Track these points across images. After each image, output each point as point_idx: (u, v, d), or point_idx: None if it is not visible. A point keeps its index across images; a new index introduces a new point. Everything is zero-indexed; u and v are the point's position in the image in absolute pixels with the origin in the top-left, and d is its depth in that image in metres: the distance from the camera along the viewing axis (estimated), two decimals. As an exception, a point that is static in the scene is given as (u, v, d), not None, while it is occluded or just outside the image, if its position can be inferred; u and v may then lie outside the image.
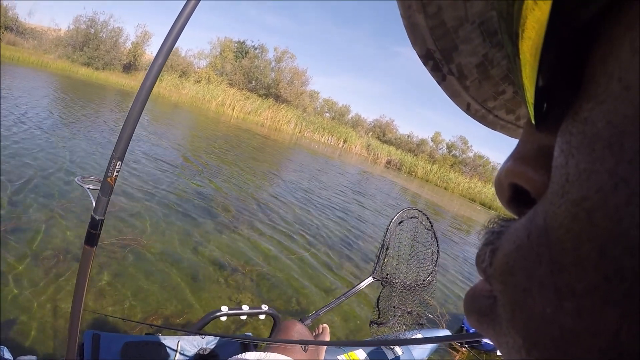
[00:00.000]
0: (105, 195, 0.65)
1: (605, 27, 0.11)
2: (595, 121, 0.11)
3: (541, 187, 0.14)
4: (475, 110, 0.24)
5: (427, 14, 0.18)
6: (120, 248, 2.89)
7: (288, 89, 29.83)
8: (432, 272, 1.61)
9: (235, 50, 31.01)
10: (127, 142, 0.65)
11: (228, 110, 24.02)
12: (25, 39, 24.44)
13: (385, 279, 1.53)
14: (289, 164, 11.30)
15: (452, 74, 0.22)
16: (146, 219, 3.60)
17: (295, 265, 3.70)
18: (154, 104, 15.79)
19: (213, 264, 3.16)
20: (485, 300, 0.15)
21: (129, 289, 2.46)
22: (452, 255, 6.50)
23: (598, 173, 0.10)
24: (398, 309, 1.58)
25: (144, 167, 5.30)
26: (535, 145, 0.15)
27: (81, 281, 0.69)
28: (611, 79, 0.11)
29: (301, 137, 25.42)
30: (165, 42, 0.70)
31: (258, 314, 1.47)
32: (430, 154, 35.08)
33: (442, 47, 0.20)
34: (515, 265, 0.13)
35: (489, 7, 0.18)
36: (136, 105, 0.65)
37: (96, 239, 0.67)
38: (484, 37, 0.19)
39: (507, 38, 0.14)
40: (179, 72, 26.79)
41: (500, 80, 0.22)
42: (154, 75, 0.66)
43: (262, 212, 5.07)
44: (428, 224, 1.61)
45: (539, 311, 0.12)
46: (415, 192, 16.73)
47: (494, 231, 0.16)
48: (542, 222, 0.12)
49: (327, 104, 38.57)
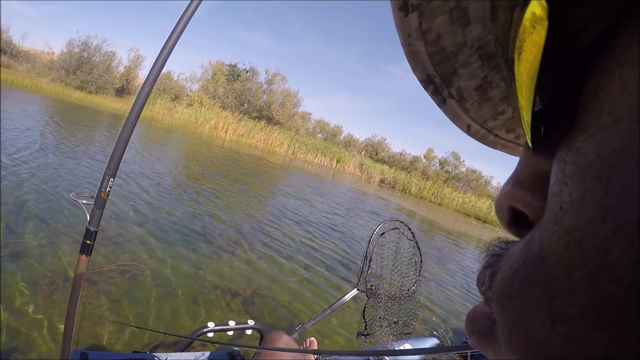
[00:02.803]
0: (99, 208, 0.71)
1: (599, 59, 0.12)
2: (587, 152, 0.11)
3: (538, 212, 0.14)
4: (476, 130, 0.25)
5: (427, 41, 0.19)
6: (119, 274, 2.87)
7: (280, 111, 30.15)
8: (417, 281, 1.66)
9: (227, 73, 31.48)
10: (118, 160, 0.72)
11: (221, 133, 24.17)
12: (19, 62, 24.63)
13: (369, 290, 1.58)
14: (283, 186, 11.33)
15: (452, 97, 0.22)
16: (144, 244, 3.59)
17: (296, 288, 3.70)
18: (147, 127, 15.86)
19: (212, 288, 3.15)
20: (485, 322, 0.16)
21: (129, 314, 2.46)
22: (450, 271, 6.52)
23: (588, 204, 0.11)
24: (384, 319, 1.62)
25: (140, 193, 5.30)
26: (533, 169, 0.16)
27: (76, 289, 0.74)
28: (602, 111, 0.11)
29: (294, 158, 25.50)
30: (155, 63, 0.78)
31: (244, 329, 1.48)
32: (424, 171, 35.32)
33: (442, 72, 0.21)
34: (513, 289, 0.14)
35: (486, 32, 0.18)
36: (127, 126, 0.72)
37: (91, 249, 0.72)
38: (482, 61, 0.20)
39: (503, 62, 0.14)
40: (172, 95, 27.06)
41: (499, 101, 0.22)
42: (143, 97, 0.74)
43: (259, 234, 5.06)
44: (410, 234, 1.67)
45: (534, 334, 0.12)
46: (410, 210, 16.75)
47: (493, 254, 0.17)
48: (538, 248, 0.12)
49: (320, 125, 38.95)
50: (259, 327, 1.52)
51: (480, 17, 0.18)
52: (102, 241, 3.32)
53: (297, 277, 3.98)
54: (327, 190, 13.51)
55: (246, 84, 30.65)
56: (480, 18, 0.18)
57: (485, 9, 0.17)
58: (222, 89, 30.23)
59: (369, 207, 12.87)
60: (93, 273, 2.75)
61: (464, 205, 25.77)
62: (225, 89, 30.33)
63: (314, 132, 38.01)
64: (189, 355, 1.44)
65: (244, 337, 2.48)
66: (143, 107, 0.72)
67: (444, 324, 3.91)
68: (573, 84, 0.13)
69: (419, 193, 27.85)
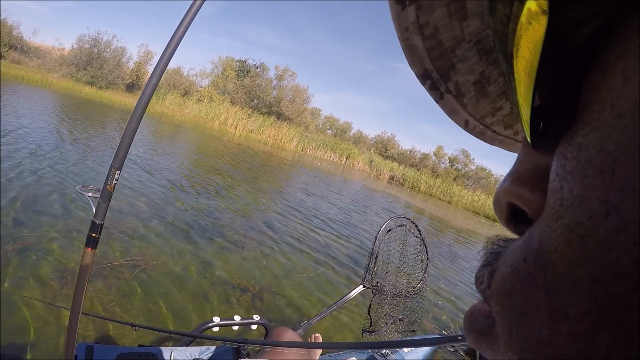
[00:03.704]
0: (105, 201, 0.72)
1: (600, 53, 0.12)
2: (589, 147, 0.11)
3: (538, 208, 0.14)
4: (474, 126, 0.24)
5: (424, 35, 0.19)
6: (128, 269, 2.90)
7: (290, 106, 30.16)
8: (423, 279, 1.65)
9: (236, 69, 31.58)
10: (124, 153, 0.73)
11: (231, 128, 24.26)
12: (29, 58, 25.07)
13: (375, 287, 1.57)
14: (293, 182, 11.35)
15: (450, 92, 0.22)
16: (154, 239, 3.62)
17: (306, 284, 3.70)
18: (157, 122, 15.99)
19: (222, 284, 3.17)
20: (484, 321, 0.16)
21: (139, 310, 2.47)
22: (459, 269, 6.49)
23: (590, 200, 0.10)
24: (389, 316, 1.62)
25: (150, 189, 5.35)
26: (532, 165, 0.16)
27: (81, 282, 0.75)
28: (604, 105, 0.11)
29: (304, 154, 25.51)
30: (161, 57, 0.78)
31: (250, 324, 1.49)
32: (433, 169, 35.11)
33: (440, 67, 0.20)
34: (512, 288, 0.13)
35: (484, 26, 0.18)
36: (133, 119, 0.72)
37: (96, 242, 0.73)
38: (480, 56, 0.20)
39: (502, 57, 0.14)
40: (182, 91, 27.25)
41: (497, 97, 0.22)
42: (149, 91, 0.74)
43: (269, 230, 5.08)
44: (416, 232, 1.66)
45: (534, 333, 0.12)
46: (419, 207, 16.68)
47: (492, 252, 0.17)
48: (538, 245, 0.12)
49: (329, 121, 38.91)
50: (264, 323, 1.52)
51: (478, 11, 0.18)
52: (112, 235, 3.36)
53: (307, 274, 3.99)
54: (336, 186, 13.50)
55: (256, 79, 30.68)
56: (478, 12, 0.18)
57: (484, 3, 0.17)
58: (231, 85, 30.35)
59: (378, 203, 12.84)
60: (103, 267, 2.79)
61: (474, 204, 25.55)
62: (235, 85, 30.45)
63: (324, 128, 38.00)
64: (194, 349, 1.44)
65: (248, 332, 2.50)
66: (149, 102, 0.73)
67: (453, 323, 3.89)
68: (572, 79, 0.13)
69: (428, 190, 27.69)
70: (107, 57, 24.30)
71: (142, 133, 11.09)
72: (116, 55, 24.89)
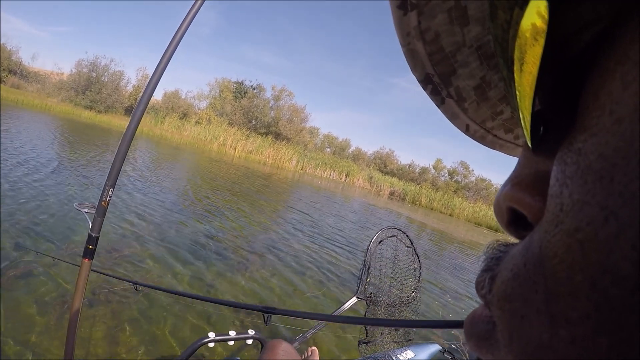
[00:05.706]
0: (100, 216, 0.77)
1: (599, 59, 0.12)
2: (588, 153, 0.11)
3: (538, 213, 0.14)
4: (474, 130, 0.24)
5: (426, 40, 0.19)
6: (132, 293, 2.88)
7: (288, 126, 30.41)
8: (416, 288, 1.67)
9: (234, 91, 31.96)
10: (117, 172, 0.78)
11: (230, 150, 24.42)
12: (28, 83, 25.44)
13: (369, 298, 1.59)
14: (293, 202, 11.34)
15: (451, 97, 0.22)
16: (157, 262, 3.62)
17: (310, 303, 3.69)
18: (156, 145, 16.10)
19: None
20: (485, 325, 0.16)
21: (145, 334, 2.45)
22: (464, 281, 6.47)
23: (590, 205, 0.10)
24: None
25: (153, 211, 5.38)
26: (532, 169, 0.16)
27: (79, 292, 0.79)
28: (603, 111, 0.11)
29: (303, 173, 25.55)
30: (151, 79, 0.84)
31: (245, 339, 1.48)
32: (433, 182, 35.17)
33: (441, 72, 0.20)
34: (513, 293, 0.13)
35: (485, 32, 0.18)
36: (125, 140, 0.78)
37: (93, 253, 0.78)
38: (481, 61, 0.20)
39: (502, 62, 0.14)
40: (180, 113, 27.52)
41: (498, 101, 0.22)
42: (139, 113, 0.79)
43: (272, 250, 5.07)
44: (408, 242, 1.69)
45: (535, 337, 0.12)
46: (421, 222, 16.58)
47: (493, 257, 0.17)
48: (538, 250, 0.12)
49: (328, 139, 39.20)
50: (259, 337, 1.51)
51: (479, 17, 0.18)
52: (115, 260, 3.38)
53: (311, 293, 3.97)
54: (337, 204, 13.51)
55: (253, 100, 31.03)
56: (479, 17, 0.18)
57: (484, 9, 0.17)
58: (229, 106, 30.67)
59: (380, 220, 12.82)
60: (107, 292, 2.79)
61: (475, 215, 25.52)
62: (233, 106, 30.76)
63: (322, 146, 38.27)
64: None
65: (244, 349, 2.47)
66: (139, 123, 0.78)
67: (461, 335, 3.84)
68: (572, 84, 0.13)
69: (429, 204, 27.71)
70: (105, 81, 24.62)
71: (143, 157, 11.19)
72: (114, 79, 25.23)
